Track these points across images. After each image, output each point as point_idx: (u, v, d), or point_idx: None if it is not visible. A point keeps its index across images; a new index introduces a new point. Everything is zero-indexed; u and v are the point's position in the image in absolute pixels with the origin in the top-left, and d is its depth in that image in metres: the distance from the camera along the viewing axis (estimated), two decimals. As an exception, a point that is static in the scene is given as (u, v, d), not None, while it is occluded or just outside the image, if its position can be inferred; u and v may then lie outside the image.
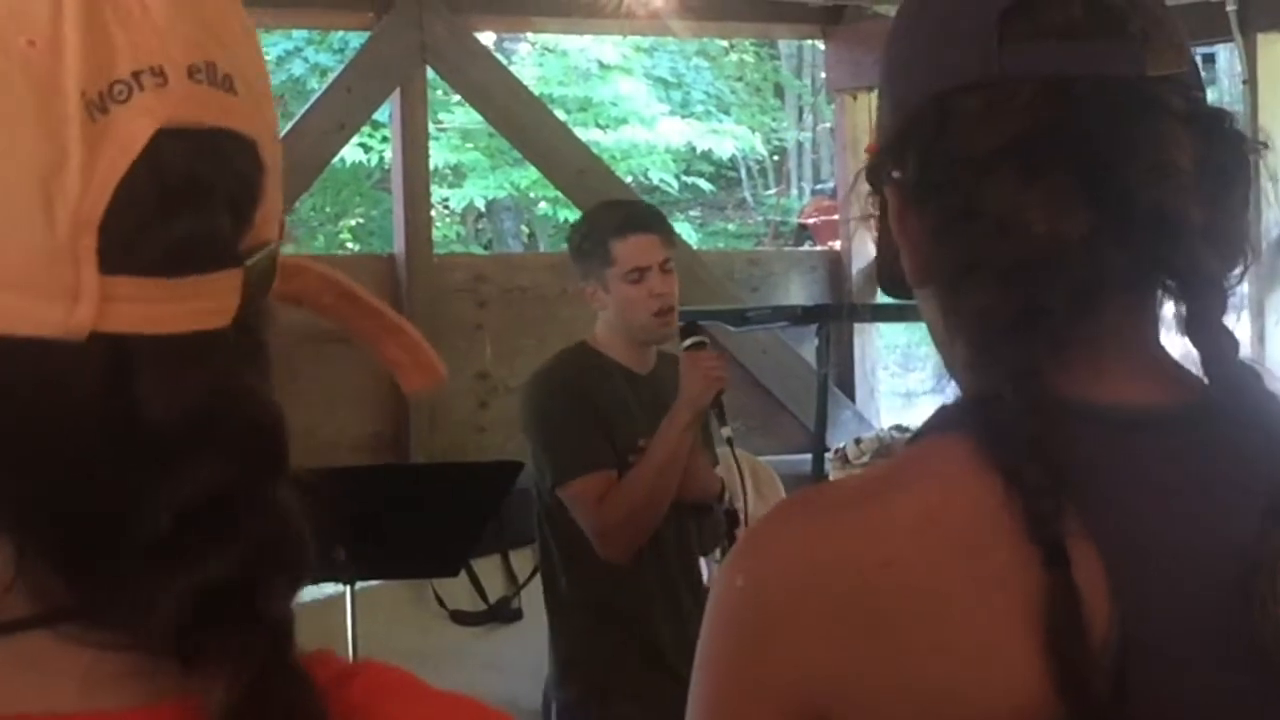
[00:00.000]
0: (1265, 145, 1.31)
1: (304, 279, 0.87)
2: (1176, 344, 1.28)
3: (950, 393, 1.30)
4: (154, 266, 0.77)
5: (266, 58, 0.93)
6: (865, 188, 1.35)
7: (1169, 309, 1.29)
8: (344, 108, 7.11)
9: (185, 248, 0.78)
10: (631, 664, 4.38)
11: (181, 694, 0.78)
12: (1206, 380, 1.25)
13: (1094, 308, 1.24)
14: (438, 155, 12.65)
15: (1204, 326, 1.25)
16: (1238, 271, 1.27)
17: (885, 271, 1.36)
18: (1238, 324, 1.28)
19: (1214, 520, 1.21)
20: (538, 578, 4.69)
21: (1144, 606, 1.16)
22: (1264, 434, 1.23)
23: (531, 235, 16.34)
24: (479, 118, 8.82)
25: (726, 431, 4.37)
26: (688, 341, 4.36)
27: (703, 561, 4.98)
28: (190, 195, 0.78)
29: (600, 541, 4.30)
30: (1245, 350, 1.26)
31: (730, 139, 15.79)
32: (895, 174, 1.31)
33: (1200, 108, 1.28)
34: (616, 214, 4.55)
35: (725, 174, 17.19)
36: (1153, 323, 1.29)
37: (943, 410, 1.27)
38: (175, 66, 0.79)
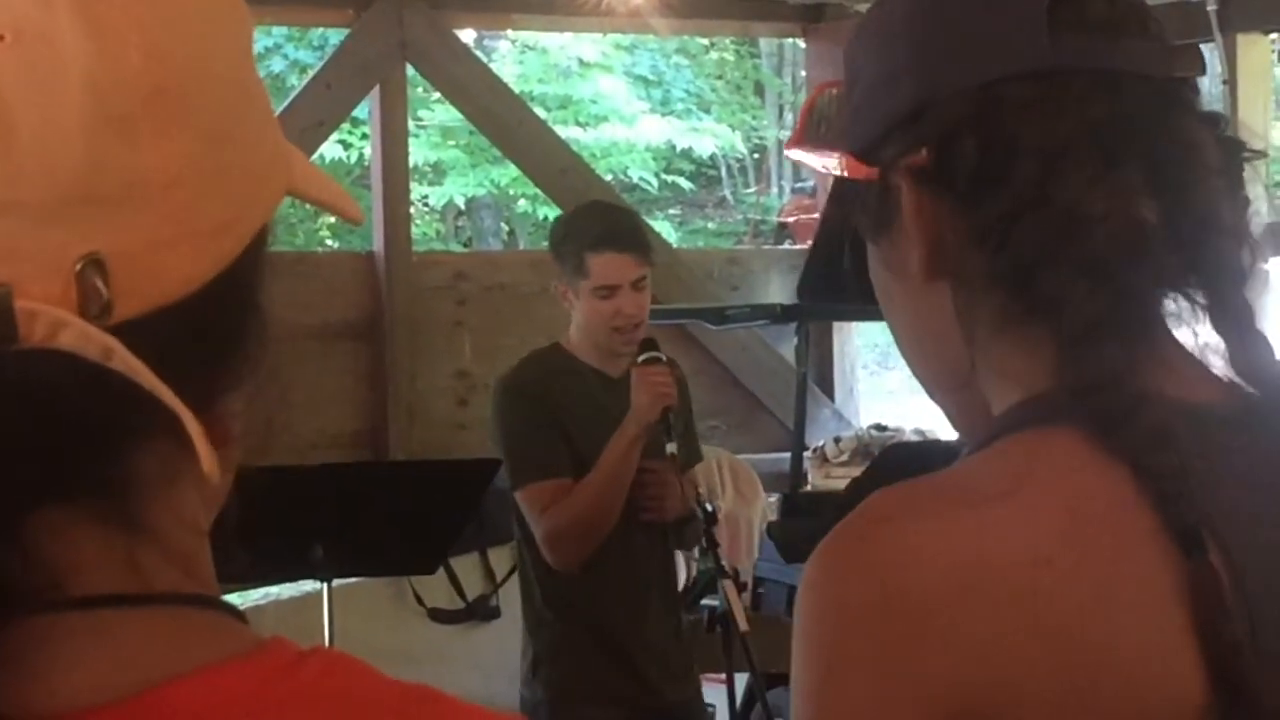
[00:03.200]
0: (1265, 154, 1.31)
1: (70, 336, 0.77)
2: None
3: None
4: None
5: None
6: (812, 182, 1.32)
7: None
8: (323, 104, 7.09)
9: None
10: (598, 667, 4.40)
11: None
12: (1239, 378, 1.25)
13: (1163, 303, 1.24)
14: (417, 152, 12.64)
15: (1240, 326, 1.25)
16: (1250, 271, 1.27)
17: (819, 270, 1.33)
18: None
19: None
20: (515, 576, 4.69)
21: (1258, 601, 1.15)
22: None
23: (511, 233, 16.33)
24: (459, 115, 8.81)
25: (671, 447, 4.29)
26: (642, 356, 4.34)
27: (679, 557, 4.97)
28: None
29: (546, 548, 4.32)
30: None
31: (710, 137, 15.81)
32: (911, 159, 1.27)
33: (1205, 111, 1.29)
34: (596, 225, 4.47)
35: (705, 172, 17.19)
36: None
37: (1034, 403, 1.22)
38: None
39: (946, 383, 1.33)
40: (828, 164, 1.37)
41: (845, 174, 1.34)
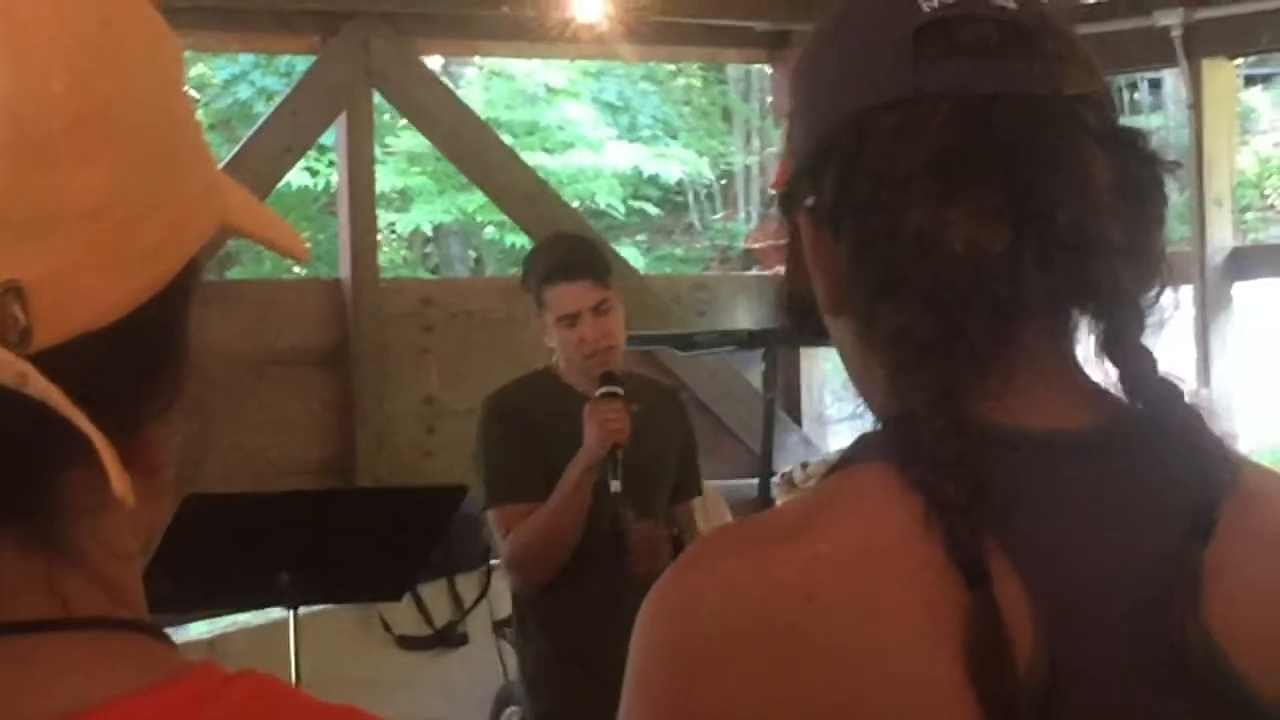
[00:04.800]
0: (1178, 164, 1.31)
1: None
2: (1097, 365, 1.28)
3: (867, 422, 1.29)
4: None
5: (213, 81, 0.88)
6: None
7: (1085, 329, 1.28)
8: (290, 131, 7.09)
9: None
10: (585, 690, 4.35)
11: None
12: (1126, 399, 1.25)
13: (1014, 328, 1.23)
14: (384, 179, 12.61)
15: (1122, 345, 1.24)
16: (1154, 291, 1.26)
17: (796, 303, 1.35)
18: (1179, 349, 1.27)
19: (1136, 542, 1.20)
20: (483, 603, 4.72)
21: (1067, 630, 1.15)
22: (1183, 453, 1.22)
23: (479, 260, 16.30)
24: (425, 142, 8.81)
25: (616, 485, 4.33)
26: (599, 391, 4.37)
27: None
28: None
29: (507, 569, 4.48)
30: (1189, 376, 1.26)
31: (677, 163, 15.80)
32: (809, 200, 1.29)
33: (1115, 126, 1.28)
34: (548, 260, 4.57)
35: (672, 198, 17.18)
36: (1070, 343, 1.28)
37: (865, 438, 1.25)
38: None
39: (875, 413, 1.34)
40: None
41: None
